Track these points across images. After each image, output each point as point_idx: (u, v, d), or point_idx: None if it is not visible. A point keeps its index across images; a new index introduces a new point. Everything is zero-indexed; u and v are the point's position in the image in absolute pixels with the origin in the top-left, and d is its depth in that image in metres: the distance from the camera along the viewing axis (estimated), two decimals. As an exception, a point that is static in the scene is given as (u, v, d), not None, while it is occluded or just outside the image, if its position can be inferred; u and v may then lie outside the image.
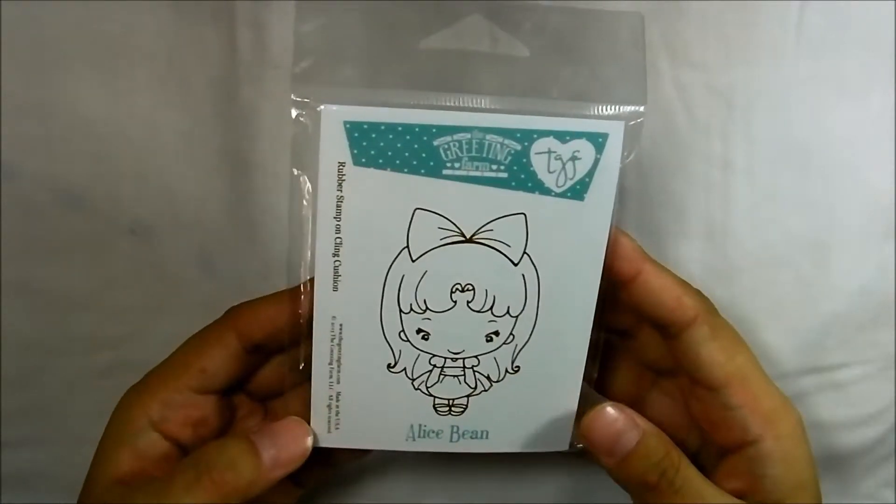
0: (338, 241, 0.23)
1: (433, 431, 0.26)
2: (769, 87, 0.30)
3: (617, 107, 0.23)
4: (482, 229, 0.23)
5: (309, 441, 0.24)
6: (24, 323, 0.31)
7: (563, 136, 0.23)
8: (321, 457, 0.28)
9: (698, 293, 0.25)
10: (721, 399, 0.24)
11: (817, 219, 0.31)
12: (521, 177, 0.23)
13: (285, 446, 0.24)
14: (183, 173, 0.30)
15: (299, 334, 0.24)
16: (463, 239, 0.23)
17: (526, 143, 0.23)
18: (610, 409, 0.24)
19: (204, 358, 0.25)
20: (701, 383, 0.25)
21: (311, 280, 0.24)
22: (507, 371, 0.25)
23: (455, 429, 0.26)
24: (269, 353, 0.26)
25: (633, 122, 0.23)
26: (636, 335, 0.27)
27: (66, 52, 0.29)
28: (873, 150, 0.31)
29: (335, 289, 0.23)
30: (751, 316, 0.32)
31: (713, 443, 0.25)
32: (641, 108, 0.23)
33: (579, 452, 0.26)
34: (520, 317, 0.25)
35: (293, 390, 0.27)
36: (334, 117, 0.22)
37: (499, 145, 0.23)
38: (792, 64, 0.30)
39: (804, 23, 0.29)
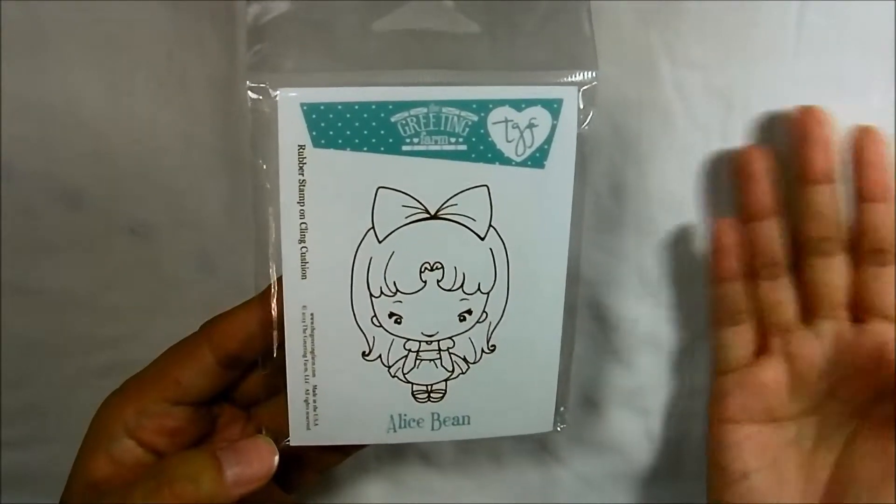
0: (303, 226, 0.23)
1: (414, 420, 0.25)
2: (769, 87, 0.30)
3: (570, 73, 0.23)
4: (446, 204, 0.23)
5: (275, 460, 0.24)
6: (24, 323, 0.31)
7: (518, 105, 0.23)
8: (307, 461, 0.28)
9: None
10: None
11: (817, 219, 0.31)
12: (481, 148, 0.23)
13: (249, 464, 0.24)
14: (183, 173, 0.30)
15: (272, 335, 0.24)
16: (428, 216, 0.23)
17: (482, 114, 0.23)
18: None
19: (178, 370, 0.25)
20: None
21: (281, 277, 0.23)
22: (483, 351, 0.25)
23: (436, 416, 0.25)
24: (246, 365, 0.26)
25: (586, 87, 0.23)
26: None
27: (66, 52, 0.29)
28: (873, 151, 0.31)
29: (303, 276, 0.23)
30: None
31: None
32: (593, 74, 0.23)
33: (564, 434, 0.26)
34: (491, 293, 0.24)
35: (275, 399, 0.26)
36: (291, 101, 0.22)
37: (456, 117, 0.23)
38: (792, 64, 0.30)
39: (804, 23, 0.29)
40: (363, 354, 0.24)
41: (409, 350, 0.25)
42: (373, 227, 0.23)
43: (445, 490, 0.34)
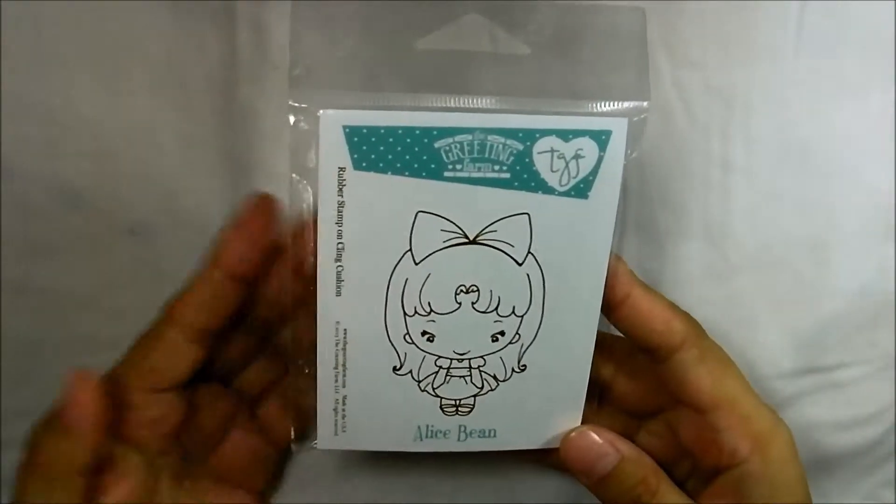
0: (340, 246, 0.23)
1: (441, 432, 0.26)
2: (769, 86, 0.30)
3: (620, 103, 0.23)
4: (486, 230, 0.23)
5: None
6: (24, 323, 0.31)
7: (565, 135, 0.22)
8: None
9: (687, 316, 0.25)
10: (710, 422, 0.24)
11: (817, 219, 0.31)
12: (524, 177, 0.23)
13: None
14: (183, 173, 0.30)
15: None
16: (466, 240, 0.23)
17: (528, 143, 0.22)
18: (590, 432, 0.25)
19: (151, 357, 0.25)
20: (690, 406, 0.25)
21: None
22: (513, 370, 0.25)
23: (462, 428, 0.26)
24: (217, 336, 0.26)
25: (636, 119, 0.23)
26: (613, 386, 0.28)
27: (66, 52, 0.29)
28: (873, 150, 0.31)
29: (338, 294, 0.23)
30: (750, 316, 0.32)
31: (703, 467, 0.26)
32: (645, 104, 0.23)
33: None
34: (525, 316, 0.24)
35: (280, 393, 0.26)
36: (333, 122, 0.22)
37: (501, 146, 0.22)
38: (792, 64, 0.30)
39: (804, 23, 0.29)
40: (394, 369, 0.25)
41: (440, 367, 0.25)
42: (410, 250, 0.23)
43: (440, 490, 0.34)
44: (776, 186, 0.31)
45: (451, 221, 0.23)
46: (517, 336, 0.25)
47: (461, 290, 0.24)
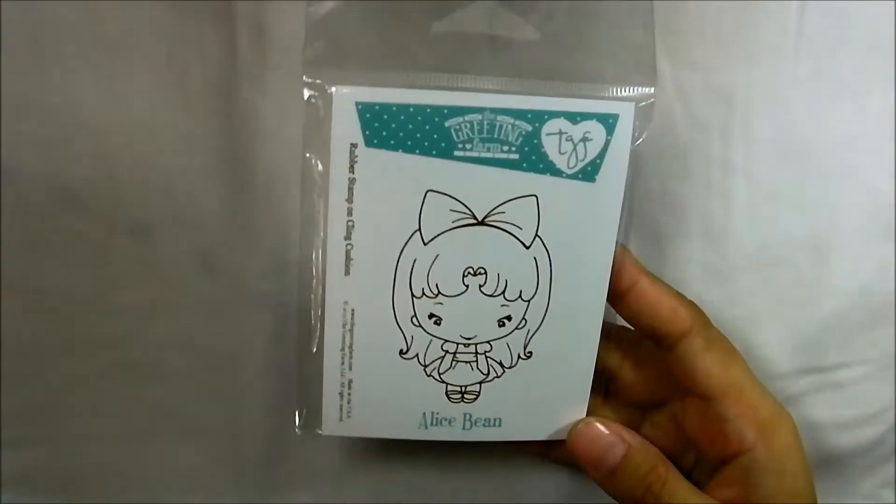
0: (350, 224, 0.23)
1: (446, 419, 0.26)
2: (769, 87, 0.30)
3: (627, 88, 0.23)
4: (494, 211, 0.23)
5: None
6: (24, 323, 0.31)
7: (573, 118, 0.23)
8: None
9: (693, 304, 0.25)
10: (716, 410, 0.24)
11: (817, 219, 0.31)
12: (533, 158, 0.23)
13: None
14: (183, 173, 0.30)
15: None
16: (475, 221, 0.23)
17: (537, 125, 0.23)
18: (597, 424, 0.25)
19: None
20: (696, 394, 0.25)
21: None
22: (519, 357, 0.25)
23: (468, 416, 0.26)
24: None
25: (643, 104, 0.23)
26: (618, 377, 0.28)
27: (66, 52, 0.28)
28: (873, 150, 0.31)
29: (347, 273, 0.23)
30: (750, 316, 0.32)
31: (708, 458, 0.26)
32: (652, 90, 0.23)
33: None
34: (532, 301, 0.24)
35: None
36: (346, 98, 0.22)
37: (510, 126, 0.23)
38: (792, 64, 0.30)
39: (804, 23, 0.29)
40: (400, 352, 0.25)
41: (447, 351, 0.25)
42: (419, 230, 0.23)
43: (440, 490, 0.34)
44: (776, 186, 0.31)
45: (460, 201, 0.23)
46: (523, 321, 0.25)
47: (469, 273, 0.24)
